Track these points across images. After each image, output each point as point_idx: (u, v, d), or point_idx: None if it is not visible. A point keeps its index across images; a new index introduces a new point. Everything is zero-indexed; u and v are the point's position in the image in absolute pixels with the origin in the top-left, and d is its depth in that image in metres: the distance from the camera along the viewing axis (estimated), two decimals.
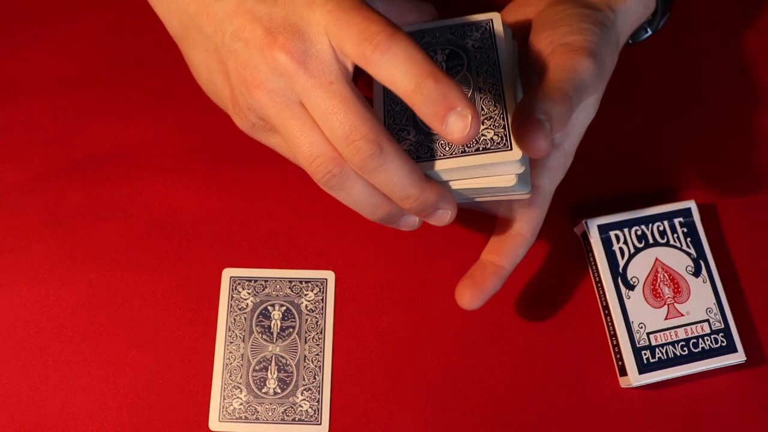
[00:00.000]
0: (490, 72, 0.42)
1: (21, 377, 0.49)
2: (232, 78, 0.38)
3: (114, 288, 0.52)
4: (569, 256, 0.53)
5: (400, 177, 0.37)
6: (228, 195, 0.54)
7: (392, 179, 0.37)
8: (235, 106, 0.39)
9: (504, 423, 0.49)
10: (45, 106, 0.56)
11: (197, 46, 0.40)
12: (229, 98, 0.39)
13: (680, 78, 0.59)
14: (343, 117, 0.36)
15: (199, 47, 0.40)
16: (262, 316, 0.51)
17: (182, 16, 0.40)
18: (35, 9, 0.59)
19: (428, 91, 0.34)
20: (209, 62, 0.39)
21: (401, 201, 0.39)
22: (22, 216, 0.53)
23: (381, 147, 0.36)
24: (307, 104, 0.37)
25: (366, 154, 0.36)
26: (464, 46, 0.43)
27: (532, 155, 0.38)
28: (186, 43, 0.41)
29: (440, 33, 0.44)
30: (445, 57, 0.43)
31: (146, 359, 0.50)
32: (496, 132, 0.40)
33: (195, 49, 0.40)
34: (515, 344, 0.51)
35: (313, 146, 0.37)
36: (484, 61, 0.42)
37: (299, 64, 0.36)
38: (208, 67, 0.40)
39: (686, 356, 0.49)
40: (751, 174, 0.56)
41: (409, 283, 0.52)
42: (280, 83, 0.36)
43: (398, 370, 0.50)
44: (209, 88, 0.42)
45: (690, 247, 0.52)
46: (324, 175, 0.38)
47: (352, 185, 0.38)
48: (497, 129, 0.40)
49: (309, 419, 0.49)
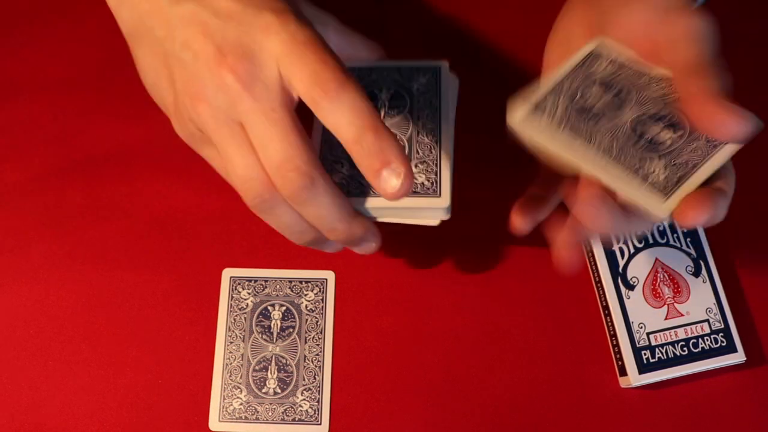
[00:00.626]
0: (431, 117, 0.43)
1: (21, 377, 0.49)
2: (177, 85, 0.38)
3: (114, 288, 0.52)
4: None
5: (329, 211, 0.38)
6: (228, 195, 0.54)
7: (321, 212, 0.38)
8: (176, 112, 0.39)
9: (504, 423, 0.49)
10: (45, 106, 0.56)
11: (145, 46, 0.40)
12: (172, 103, 0.39)
13: None
14: (280, 146, 0.36)
15: (147, 48, 0.40)
16: (262, 316, 0.51)
17: (133, 12, 0.40)
18: (35, 9, 0.59)
19: (367, 143, 0.35)
20: (156, 65, 0.39)
21: (328, 233, 0.40)
22: (22, 216, 0.53)
23: (313, 180, 0.36)
24: (246, 127, 0.37)
25: (297, 185, 0.36)
26: (409, 89, 0.44)
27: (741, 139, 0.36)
28: (135, 41, 0.41)
29: (388, 72, 0.45)
30: (390, 96, 0.44)
31: (146, 359, 0.50)
32: (428, 177, 0.41)
33: (143, 49, 0.40)
34: (515, 344, 0.51)
35: (246, 168, 0.37)
36: (426, 106, 0.43)
37: (245, 86, 0.36)
38: (155, 69, 0.40)
39: (686, 356, 0.49)
40: (751, 174, 0.56)
41: (409, 283, 0.52)
42: (223, 101, 0.36)
43: (398, 370, 0.50)
44: (153, 90, 0.41)
45: (690, 247, 0.52)
46: (254, 198, 0.38)
47: (281, 212, 0.39)
48: (428, 174, 0.41)
49: (309, 419, 0.49)
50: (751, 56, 0.60)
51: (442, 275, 0.53)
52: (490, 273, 0.53)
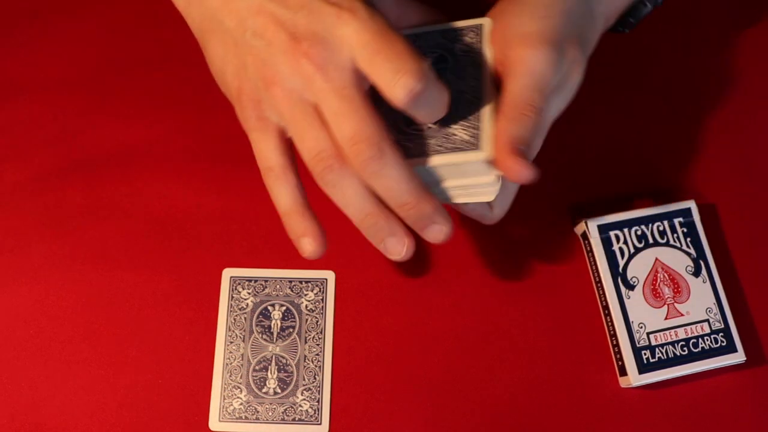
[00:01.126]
0: (473, 75, 0.43)
1: (21, 377, 0.49)
2: (249, 72, 0.40)
3: (114, 288, 0.52)
4: (569, 256, 0.53)
5: (399, 183, 0.39)
6: (228, 195, 0.54)
7: (391, 184, 0.39)
8: (239, 98, 0.41)
9: (504, 423, 0.49)
10: (45, 106, 0.56)
11: (215, 39, 0.42)
12: (236, 89, 0.41)
13: (680, 78, 0.59)
14: (351, 119, 0.38)
15: (218, 39, 0.42)
16: (262, 316, 0.51)
17: (203, 8, 0.42)
18: (35, 9, 0.59)
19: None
20: (224, 54, 0.41)
21: (398, 207, 0.40)
22: (22, 216, 0.53)
23: (382, 151, 0.38)
24: (320, 105, 0.39)
25: (367, 155, 0.38)
26: (452, 50, 0.44)
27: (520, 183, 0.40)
28: (205, 35, 0.43)
29: (432, 37, 0.45)
30: (435, 59, 0.44)
31: (146, 359, 0.50)
32: (470, 132, 0.41)
33: (213, 41, 0.42)
34: (515, 344, 0.51)
35: (318, 141, 0.39)
36: (469, 64, 0.43)
37: (318, 68, 0.38)
38: (221, 58, 0.42)
39: (686, 356, 0.49)
40: (751, 174, 0.56)
41: (409, 283, 0.52)
42: (298, 83, 0.38)
43: (398, 370, 0.50)
44: (218, 77, 0.44)
45: (690, 247, 0.52)
46: (323, 168, 0.39)
47: (347, 184, 0.40)
48: (469, 130, 0.41)
49: (309, 419, 0.49)
50: (752, 56, 0.60)
51: (442, 275, 0.53)
52: (490, 273, 0.53)
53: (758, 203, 0.55)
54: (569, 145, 0.55)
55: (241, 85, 0.41)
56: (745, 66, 0.59)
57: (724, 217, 0.55)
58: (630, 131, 0.57)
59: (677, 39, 0.60)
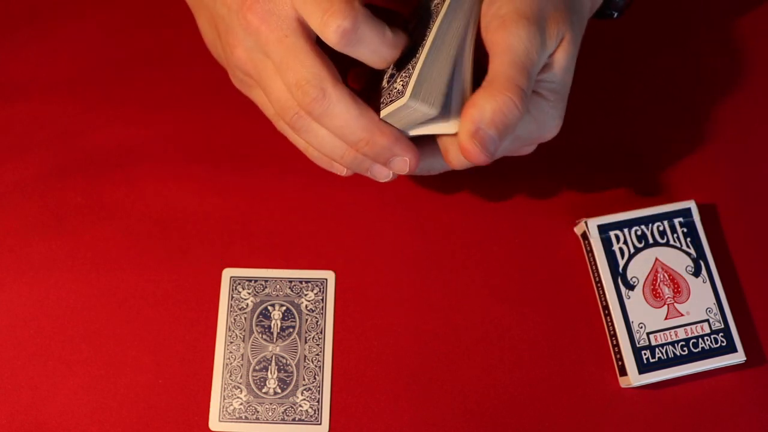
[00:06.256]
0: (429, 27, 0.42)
1: (21, 377, 0.49)
2: (221, 40, 0.43)
3: (114, 288, 0.52)
4: (569, 256, 0.53)
5: (347, 121, 0.40)
6: (228, 195, 0.54)
7: (340, 123, 0.40)
8: (228, 65, 0.44)
9: (504, 422, 0.49)
10: (45, 106, 0.56)
11: (201, 14, 0.45)
12: (225, 58, 0.44)
13: (681, 78, 0.59)
14: (292, 66, 0.39)
15: (202, 14, 0.45)
16: (262, 316, 0.51)
17: None
18: (35, 9, 0.59)
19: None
20: (209, 27, 0.45)
21: (354, 145, 0.41)
22: (22, 216, 0.53)
23: (324, 91, 0.39)
24: (269, 57, 0.40)
25: (310, 98, 0.39)
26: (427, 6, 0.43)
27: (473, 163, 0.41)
28: (194, 11, 0.47)
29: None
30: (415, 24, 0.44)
31: (146, 359, 0.50)
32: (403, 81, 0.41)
33: (200, 17, 0.46)
34: (515, 344, 0.51)
35: (281, 92, 0.41)
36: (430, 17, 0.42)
37: (262, 21, 0.39)
38: (208, 32, 0.45)
39: (686, 356, 0.49)
40: (751, 174, 0.57)
41: (409, 283, 0.52)
42: (250, 41, 0.40)
43: (398, 370, 0.50)
44: (211, 49, 0.46)
45: (690, 247, 0.52)
46: (291, 117, 0.41)
47: (317, 127, 0.41)
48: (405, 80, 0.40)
49: (309, 419, 0.49)
50: (752, 56, 0.60)
51: (442, 275, 0.53)
52: (489, 273, 0.53)
53: (758, 203, 0.55)
54: (569, 145, 0.55)
55: (223, 52, 0.43)
56: (745, 66, 0.59)
57: (724, 217, 0.55)
58: (630, 131, 0.57)
59: (677, 39, 0.60)
